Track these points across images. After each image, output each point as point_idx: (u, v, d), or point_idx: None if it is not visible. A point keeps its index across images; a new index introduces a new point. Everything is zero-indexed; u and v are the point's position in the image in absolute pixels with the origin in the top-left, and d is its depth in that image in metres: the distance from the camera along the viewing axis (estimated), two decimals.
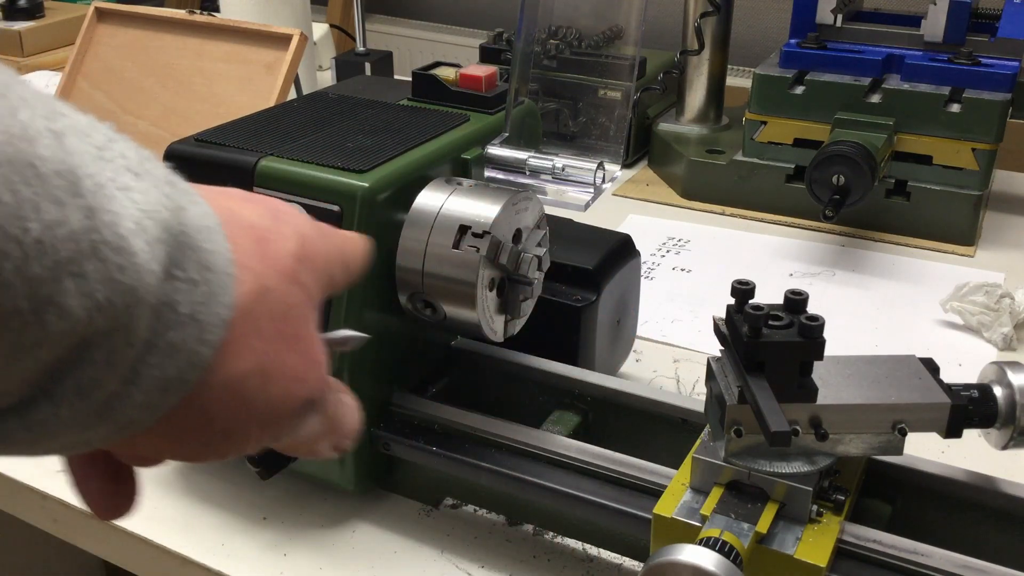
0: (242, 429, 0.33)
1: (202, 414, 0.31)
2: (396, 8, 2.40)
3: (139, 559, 0.63)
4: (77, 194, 0.25)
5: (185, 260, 0.29)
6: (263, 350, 0.32)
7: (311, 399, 0.35)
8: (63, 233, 0.25)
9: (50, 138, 0.25)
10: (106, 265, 0.26)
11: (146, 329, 0.28)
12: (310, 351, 0.35)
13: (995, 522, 0.52)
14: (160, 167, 0.30)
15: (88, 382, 0.27)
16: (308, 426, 0.36)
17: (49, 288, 0.24)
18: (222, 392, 0.31)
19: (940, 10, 1.02)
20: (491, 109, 0.68)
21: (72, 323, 0.25)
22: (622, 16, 0.85)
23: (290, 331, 0.33)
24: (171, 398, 0.29)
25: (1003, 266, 0.98)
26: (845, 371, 0.50)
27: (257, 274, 0.32)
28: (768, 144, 1.07)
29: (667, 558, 0.43)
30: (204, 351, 0.30)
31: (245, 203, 0.36)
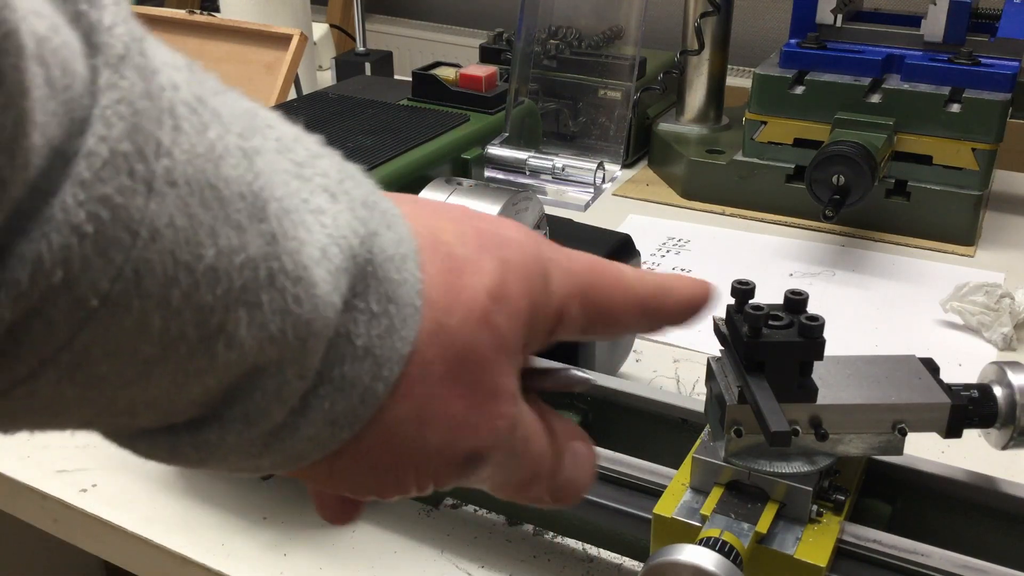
0: (395, 474, 0.31)
1: (352, 456, 0.29)
2: (396, 8, 2.40)
3: (139, 559, 0.63)
4: (260, 219, 0.24)
5: (368, 290, 0.27)
6: (427, 395, 0.29)
7: (477, 451, 0.31)
8: (239, 261, 0.24)
9: (239, 157, 0.24)
10: (283, 296, 0.25)
11: (319, 362, 0.26)
12: (486, 401, 0.31)
13: (995, 522, 0.52)
14: (362, 187, 0.28)
15: (255, 411, 0.26)
16: (481, 477, 0.33)
17: (219, 317, 0.24)
18: (375, 435, 0.29)
19: (940, 10, 1.02)
20: (491, 109, 0.68)
21: (241, 353, 0.24)
22: (622, 16, 0.85)
23: (465, 377, 0.30)
24: (341, 433, 0.28)
25: (1003, 266, 0.98)
26: (845, 371, 0.50)
27: (439, 310, 0.29)
28: (768, 144, 1.07)
29: (667, 558, 0.43)
30: (378, 387, 0.28)
31: (454, 224, 0.32)
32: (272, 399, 0.26)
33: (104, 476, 0.67)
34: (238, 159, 0.24)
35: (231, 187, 0.24)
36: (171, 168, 0.22)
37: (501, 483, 0.34)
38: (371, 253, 0.27)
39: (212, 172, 0.23)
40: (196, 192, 0.23)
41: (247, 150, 0.24)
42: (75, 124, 0.21)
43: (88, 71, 0.21)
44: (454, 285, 0.30)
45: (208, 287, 0.23)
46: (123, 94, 0.22)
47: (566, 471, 0.35)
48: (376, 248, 0.28)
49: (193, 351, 0.24)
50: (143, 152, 0.22)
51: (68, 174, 0.21)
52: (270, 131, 0.26)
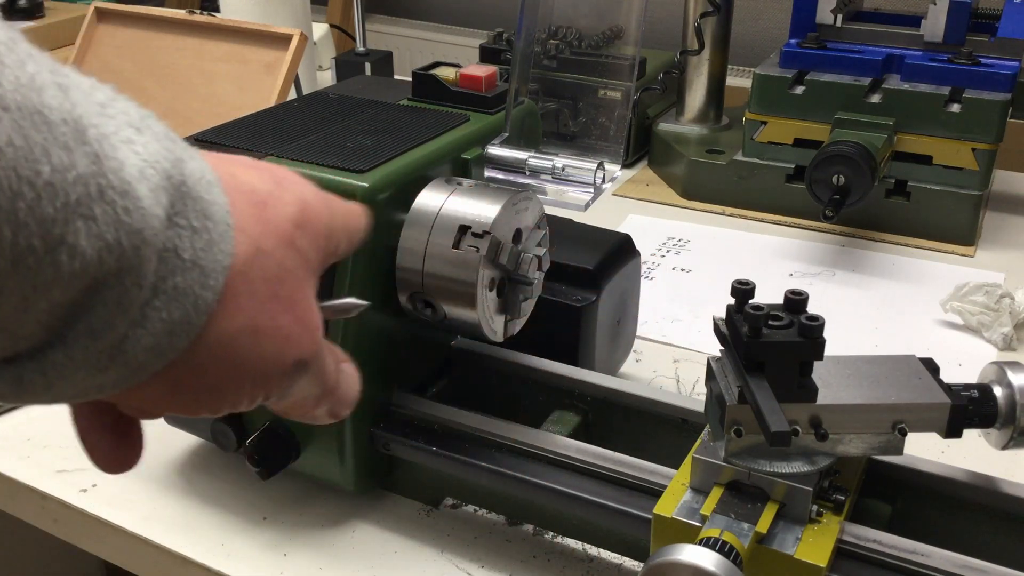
0: (234, 385, 0.34)
1: (195, 368, 0.32)
2: (396, 8, 2.40)
3: (139, 559, 0.63)
4: (83, 141, 0.27)
5: (186, 208, 0.30)
6: (256, 309, 0.33)
7: (303, 360, 0.36)
8: (72, 177, 0.26)
9: (56, 89, 0.26)
10: (113, 208, 0.27)
11: (152, 273, 0.29)
12: (304, 314, 0.36)
13: (995, 522, 0.52)
14: (159, 125, 0.31)
15: (100, 324, 0.28)
16: (301, 387, 0.37)
17: (61, 228, 0.26)
18: (215, 348, 0.32)
19: (940, 10, 1.02)
20: (491, 109, 0.68)
21: (84, 263, 0.26)
22: (622, 16, 0.85)
23: (284, 293, 0.35)
24: (178, 341, 0.31)
25: (1003, 266, 0.98)
26: (845, 371, 0.50)
27: (253, 236, 0.33)
28: (768, 144, 1.07)
29: (667, 558, 0.43)
30: (207, 295, 0.31)
31: (247, 168, 0.37)
32: (114, 311, 0.28)
33: (104, 476, 0.66)
34: (55, 91, 0.26)
35: (55, 113, 0.26)
36: (2, 95, 0.25)
37: (301, 398, 0.38)
38: (183, 175, 0.31)
39: (36, 100, 0.25)
40: (27, 116, 0.25)
41: (61, 84, 0.27)
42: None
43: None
44: (265, 216, 0.35)
45: (48, 200, 0.25)
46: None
47: (342, 386, 0.40)
48: (186, 172, 0.31)
49: (40, 263, 0.26)
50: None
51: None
52: (72, 76, 0.28)
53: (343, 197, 0.56)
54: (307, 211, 0.37)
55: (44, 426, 0.72)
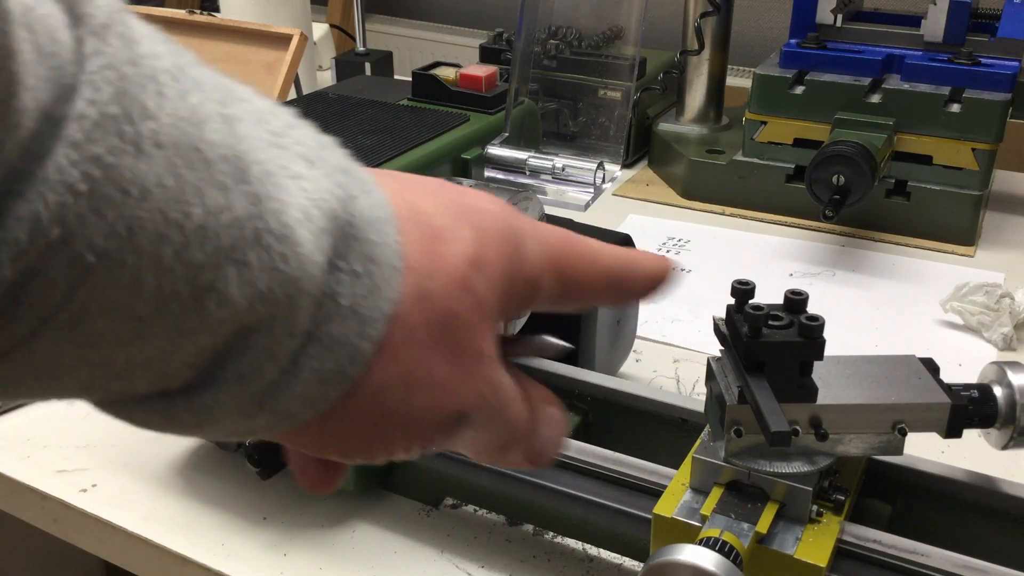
0: (383, 437, 0.32)
1: (342, 418, 0.30)
2: (396, 8, 2.40)
3: (139, 559, 0.63)
4: (243, 180, 0.25)
5: (350, 251, 0.28)
6: (413, 358, 0.31)
7: (463, 413, 0.33)
8: (226, 220, 0.25)
9: (220, 122, 0.25)
10: (269, 254, 0.26)
11: (307, 320, 0.27)
12: (471, 363, 0.32)
13: (995, 522, 0.52)
14: (337, 155, 0.30)
15: (248, 370, 0.27)
16: (465, 439, 0.34)
17: (210, 275, 0.25)
18: (364, 398, 0.30)
19: (940, 10, 1.02)
20: (491, 109, 0.68)
21: (232, 311, 0.25)
22: (622, 16, 0.85)
23: (449, 340, 0.31)
24: (331, 392, 0.29)
25: (1003, 266, 0.98)
26: (845, 371, 0.50)
27: (420, 275, 0.30)
28: (768, 144, 1.07)
29: (667, 558, 0.43)
30: (365, 345, 0.29)
31: (430, 195, 0.34)
32: (264, 358, 0.27)
33: (104, 476, 0.67)
34: (219, 124, 0.25)
35: (215, 150, 0.25)
36: (157, 131, 0.23)
37: (482, 445, 0.36)
38: (351, 215, 0.28)
39: (196, 135, 0.24)
40: (182, 153, 0.24)
41: (227, 116, 0.26)
42: (63, 90, 0.22)
43: (73, 40, 0.22)
44: (434, 252, 0.31)
45: (198, 245, 0.24)
46: (109, 60, 0.23)
47: (541, 434, 0.37)
48: (355, 211, 0.29)
49: (186, 309, 0.25)
50: (130, 115, 0.23)
51: (59, 137, 0.22)
52: (246, 103, 0.27)
53: None
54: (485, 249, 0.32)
55: (44, 426, 0.72)
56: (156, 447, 0.69)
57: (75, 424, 0.72)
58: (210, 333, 0.26)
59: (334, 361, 0.28)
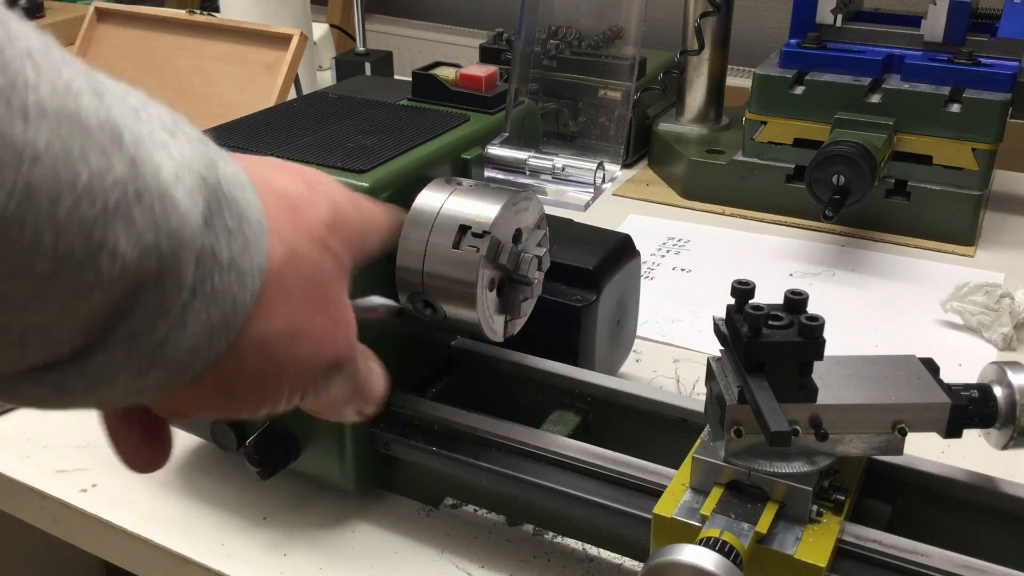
0: (272, 387, 0.35)
1: (233, 370, 0.33)
2: (396, 8, 2.40)
3: (139, 559, 0.63)
4: (120, 146, 0.27)
5: (222, 210, 0.31)
6: (292, 311, 0.34)
7: (338, 360, 0.37)
8: (110, 180, 0.26)
9: (91, 95, 0.27)
10: (151, 211, 0.27)
11: (192, 275, 0.29)
12: (339, 315, 0.36)
13: (995, 522, 0.52)
14: (191, 128, 0.32)
15: (140, 326, 0.29)
16: (336, 387, 0.38)
17: (101, 232, 0.26)
18: (252, 350, 0.33)
19: (940, 10, 1.02)
20: (491, 109, 0.68)
21: (124, 266, 0.27)
22: (622, 16, 0.85)
23: (319, 295, 0.35)
24: (218, 343, 0.31)
25: (1003, 266, 0.98)
26: (845, 371, 0.50)
27: (287, 239, 0.34)
28: (768, 144, 1.07)
29: (667, 558, 0.43)
30: (245, 296, 0.31)
31: (279, 171, 0.37)
32: (154, 312, 0.29)
33: (104, 476, 0.67)
34: (91, 96, 0.27)
35: (91, 118, 0.26)
36: (40, 101, 0.25)
37: (335, 398, 0.39)
38: (217, 178, 0.31)
39: (73, 105, 0.26)
40: (64, 121, 0.25)
41: (96, 90, 0.27)
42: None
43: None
44: (298, 219, 0.35)
45: (88, 203, 0.26)
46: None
47: (370, 385, 0.42)
48: (220, 174, 0.31)
49: (81, 266, 0.26)
50: (14, 85, 0.24)
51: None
52: (106, 83, 0.29)
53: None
54: (338, 213, 0.37)
55: (44, 426, 0.72)
56: None
57: (75, 424, 0.72)
58: (103, 291, 0.27)
59: (219, 313, 0.31)
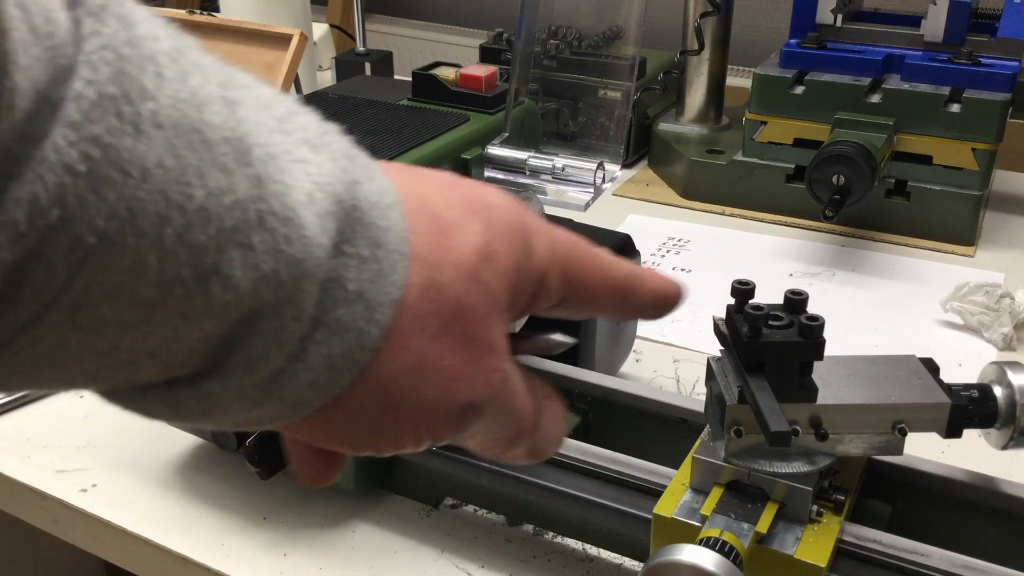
0: (392, 428, 0.31)
1: (350, 408, 0.30)
2: (396, 8, 2.40)
3: (139, 559, 0.63)
4: (245, 163, 0.25)
5: (355, 235, 0.28)
6: (423, 348, 0.30)
7: (473, 404, 0.32)
8: (229, 201, 0.24)
9: (221, 105, 0.25)
10: (273, 236, 0.25)
11: (314, 305, 0.27)
12: (481, 355, 0.32)
13: (995, 522, 0.52)
14: (342, 141, 0.29)
15: (255, 357, 0.27)
16: (474, 431, 0.34)
17: (213, 257, 0.24)
18: (373, 387, 0.30)
19: (940, 10, 1.02)
20: (491, 109, 0.68)
21: (237, 294, 0.25)
22: (622, 16, 0.85)
23: (457, 331, 0.31)
24: (339, 378, 0.29)
25: (1003, 266, 0.98)
26: (845, 371, 0.50)
27: (429, 266, 0.30)
28: (768, 144, 1.07)
29: (667, 558, 0.43)
30: (372, 331, 0.28)
31: (441, 189, 0.33)
32: (271, 343, 0.27)
33: (104, 476, 0.67)
34: (220, 107, 0.25)
35: (215, 132, 0.24)
36: (156, 111, 0.23)
37: (489, 440, 0.35)
38: (356, 199, 0.28)
39: (196, 117, 0.24)
40: (182, 135, 0.23)
41: (228, 99, 0.25)
42: (60, 71, 0.22)
43: (70, 21, 0.22)
44: (443, 244, 0.31)
45: (200, 227, 0.24)
46: (107, 41, 0.22)
47: (544, 427, 0.37)
48: (360, 195, 0.28)
49: (190, 292, 0.24)
50: (129, 95, 0.22)
51: (57, 118, 0.21)
52: (248, 89, 0.27)
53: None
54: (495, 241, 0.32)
55: (44, 426, 0.72)
56: (156, 447, 0.69)
57: (75, 424, 0.72)
58: (215, 318, 0.25)
59: (342, 346, 0.28)
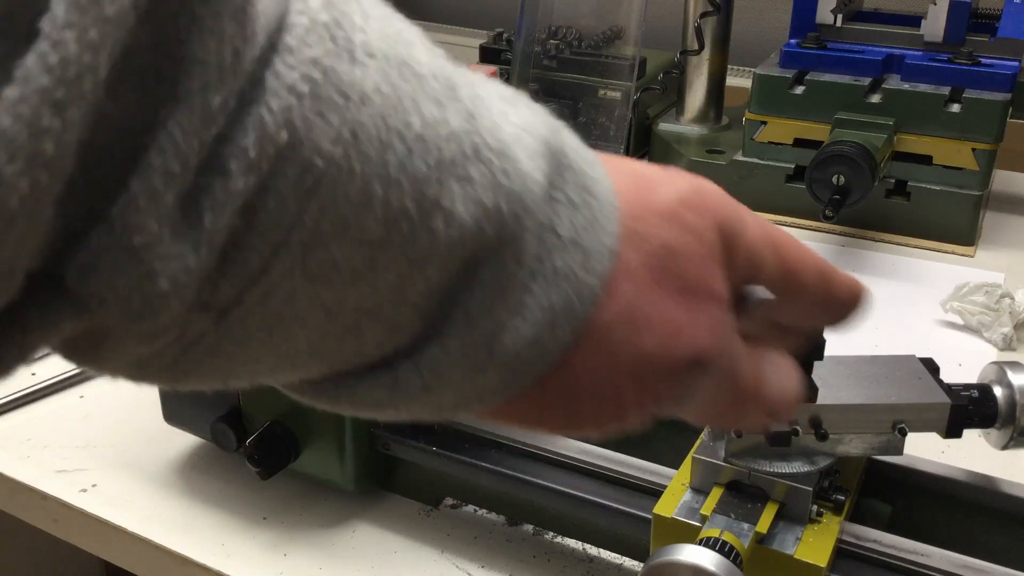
0: (612, 390, 0.29)
1: (568, 374, 0.28)
2: (396, 8, 2.40)
3: (139, 559, 0.63)
4: (455, 98, 0.25)
5: (565, 181, 0.27)
6: (634, 295, 0.28)
7: (699, 356, 0.29)
8: (444, 132, 0.24)
9: (423, 47, 0.25)
10: (490, 168, 0.25)
11: (532, 249, 0.26)
12: (703, 302, 0.29)
13: (995, 522, 0.52)
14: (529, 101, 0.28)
15: (476, 308, 0.26)
16: (698, 391, 0.31)
17: (435, 190, 0.24)
18: (591, 347, 0.28)
19: (940, 10, 1.02)
20: None
21: (461, 231, 0.24)
22: (622, 16, 0.85)
23: (673, 279, 0.29)
24: (561, 333, 0.27)
25: (1003, 266, 0.98)
26: (845, 371, 0.50)
27: (632, 217, 0.28)
28: (768, 144, 1.07)
29: (667, 558, 0.43)
30: (591, 280, 0.27)
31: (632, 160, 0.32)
32: (492, 292, 0.26)
33: (104, 476, 0.67)
34: (424, 48, 0.25)
35: (424, 67, 0.24)
36: (367, 41, 0.23)
37: (715, 401, 0.32)
38: (563, 145, 0.27)
39: (404, 52, 0.24)
40: (394, 66, 0.23)
41: (428, 45, 0.25)
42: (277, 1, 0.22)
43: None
44: (645, 197, 0.29)
45: (420, 156, 0.23)
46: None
47: (772, 382, 0.33)
48: (566, 143, 0.27)
49: (415, 229, 0.24)
50: (340, 23, 0.23)
51: (275, 47, 0.22)
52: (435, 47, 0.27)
53: None
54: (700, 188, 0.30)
55: (44, 426, 0.72)
56: (156, 447, 0.69)
57: (75, 424, 0.72)
58: (439, 262, 0.24)
59: (562, 297, 0.27)
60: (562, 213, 0.26)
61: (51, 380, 0.76)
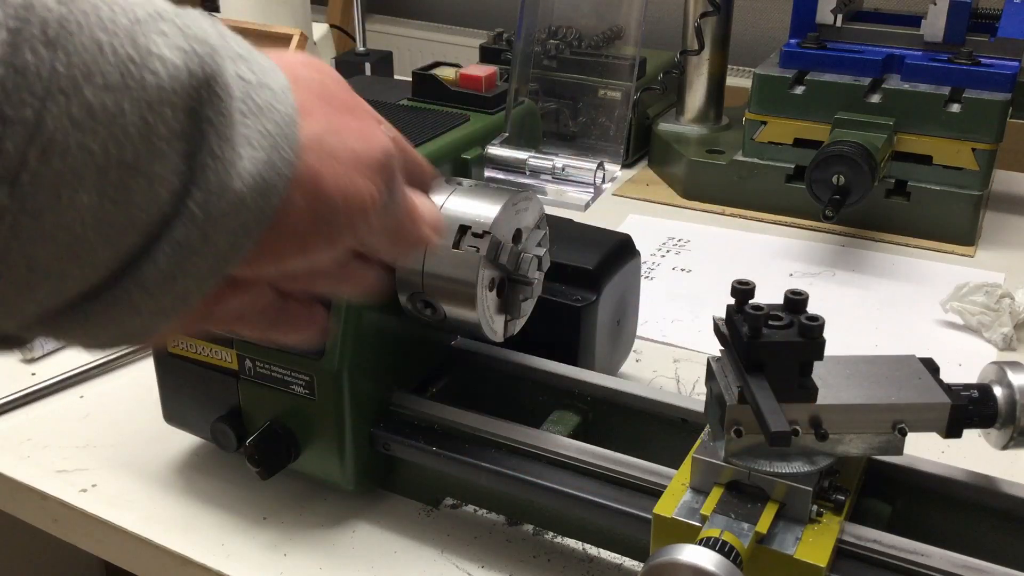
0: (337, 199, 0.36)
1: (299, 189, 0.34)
2: (396, 8, 2.40)
3: (139, 559, 0.63)
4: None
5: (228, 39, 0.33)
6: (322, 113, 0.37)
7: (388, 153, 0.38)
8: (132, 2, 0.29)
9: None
10: (176, 24, 0.30)
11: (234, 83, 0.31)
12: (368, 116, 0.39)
13: (995, 522, 0.52)
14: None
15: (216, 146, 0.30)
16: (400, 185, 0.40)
17: (144, 40, 0.28)
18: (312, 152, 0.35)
19: (940, 10, 1.02)
20: (491, 109, 0.68)
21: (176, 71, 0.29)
22: (622, 16, 0.85)
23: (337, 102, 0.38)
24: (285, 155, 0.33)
25: (1003, 266, 0.98)
26: (845, 371, 0.50)
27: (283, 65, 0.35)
28: (768, 144, 1.07)
29: (667, 558, 0.43)
30: (287, 109, 0.33)
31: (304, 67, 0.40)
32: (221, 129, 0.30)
33: (104, 476, 0.67)
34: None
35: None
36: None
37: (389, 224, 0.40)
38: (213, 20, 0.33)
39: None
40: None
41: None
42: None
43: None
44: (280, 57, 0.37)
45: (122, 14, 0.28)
46: None
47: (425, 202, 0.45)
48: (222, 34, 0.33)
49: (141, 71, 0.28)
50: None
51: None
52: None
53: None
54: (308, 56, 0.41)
55: (44, 426, 0.72)
56: (156, 447, 0.69)
57: (75, 424, 0.72)
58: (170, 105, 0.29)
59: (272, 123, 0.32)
60: (240, 63, 0.32)
61: (51, 380, 0.76)
